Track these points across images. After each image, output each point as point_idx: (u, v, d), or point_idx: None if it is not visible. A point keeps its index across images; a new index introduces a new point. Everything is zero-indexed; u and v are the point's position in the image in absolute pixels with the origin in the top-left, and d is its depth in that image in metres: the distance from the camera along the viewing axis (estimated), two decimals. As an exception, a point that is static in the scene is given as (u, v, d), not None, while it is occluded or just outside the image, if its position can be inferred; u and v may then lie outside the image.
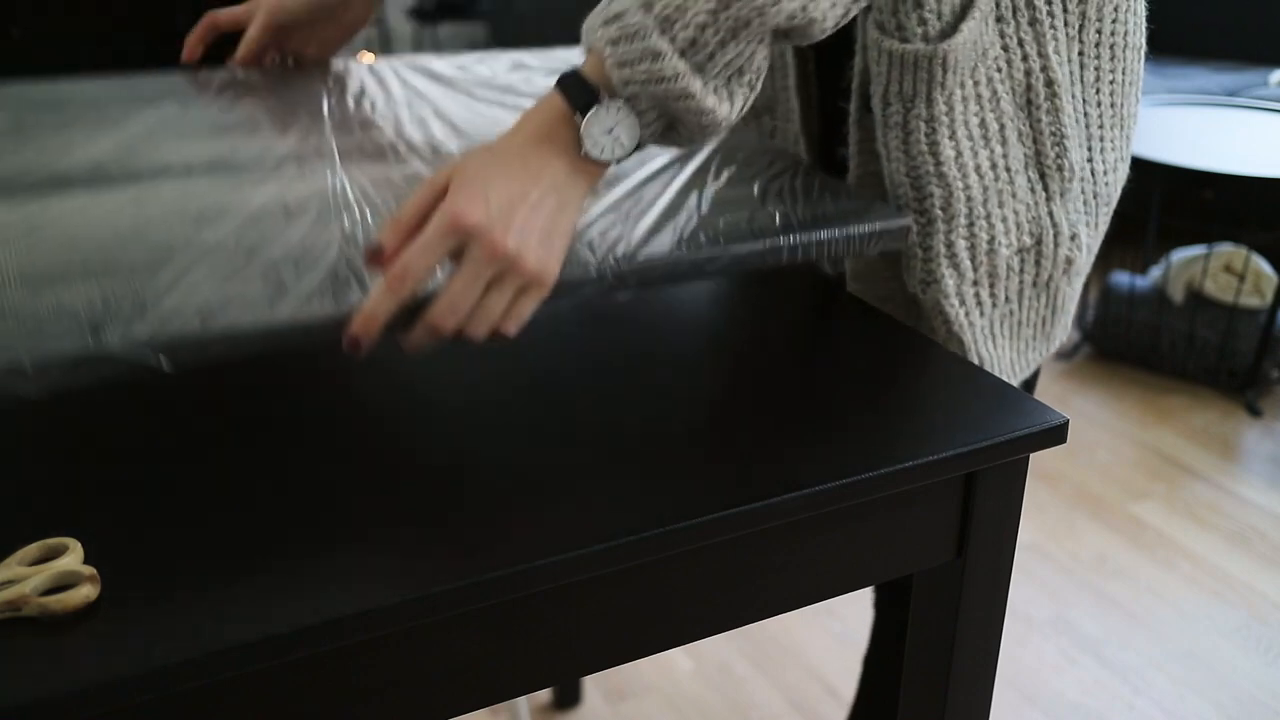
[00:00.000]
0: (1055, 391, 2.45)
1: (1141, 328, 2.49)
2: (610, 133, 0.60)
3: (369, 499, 0.57)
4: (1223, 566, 1.88)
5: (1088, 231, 0.84)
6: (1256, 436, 2.29)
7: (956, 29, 0.74)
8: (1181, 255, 2.45)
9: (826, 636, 1.72)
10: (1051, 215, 0.80)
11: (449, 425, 0.62)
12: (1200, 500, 2.07)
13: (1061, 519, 2.02)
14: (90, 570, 0.49)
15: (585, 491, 0.57)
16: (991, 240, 0.79)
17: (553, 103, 0.61)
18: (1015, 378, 0.88)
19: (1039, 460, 2.18)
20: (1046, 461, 2.19)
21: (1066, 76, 0.78)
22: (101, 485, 0.57)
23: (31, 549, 0.51)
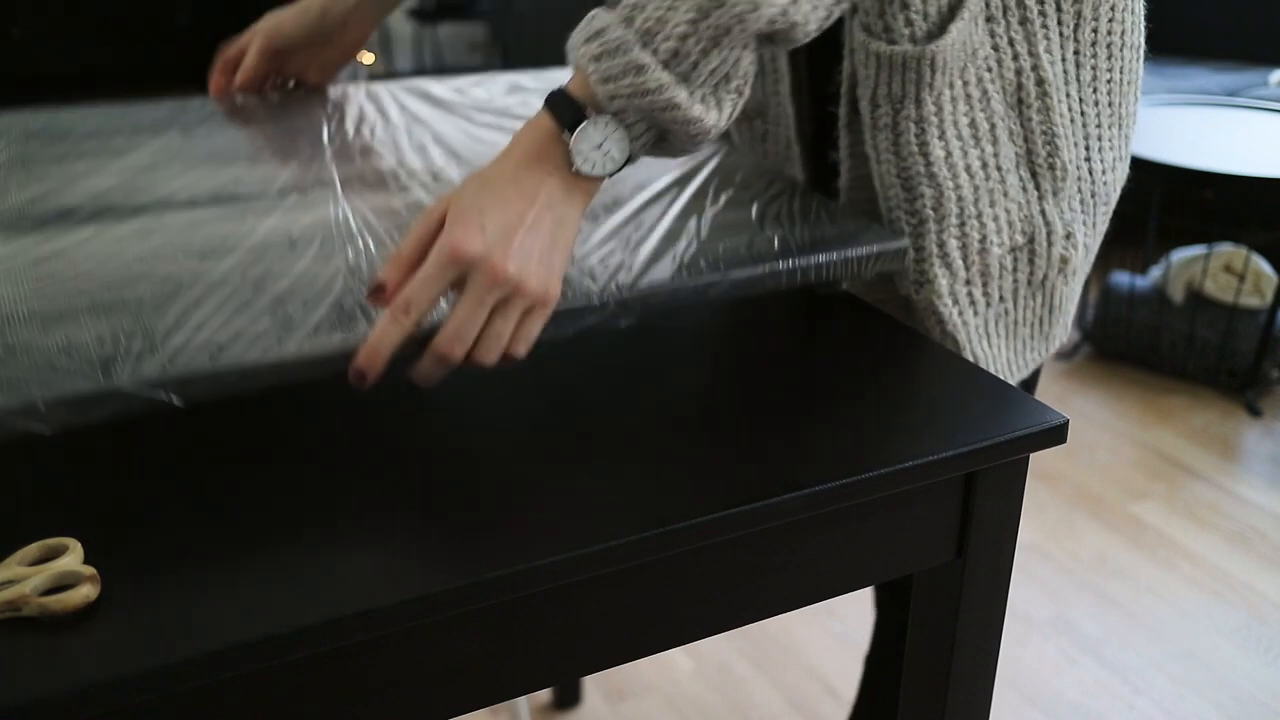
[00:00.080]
0: (1055, 391, 2.45)
1: (1141, 328, 2.49)
2: (600, 148, 0.61)
3: (369, 499, 0.57)
4: (1223, 566, 1.88)
5: (1084, 230, 0.84)
6: (1256, 436, 2.29)
7: (944, 30, 0.74)
8: (1181, 255, 2.46)
9: (826, 636, 1.72)
10: (1044, 214, 0.81)
11: (449, 425, 0.62)
12: (1200, 500, 2.07)
13: (1061, 519, 2.02)
14: (90, 570, 0.49)
15: (585, 491, 0.57)
16: (983, 239, 0.79)
17: (541, 123, 0.62)
18: (1013, 377, 0.88)
19: (1039, 460, 2.19)
20: (1046, 461, 2.19)
21: (1059, 75, 0.78)
22: (101, 485, 0.57)
23: (31, 549, 0.51)
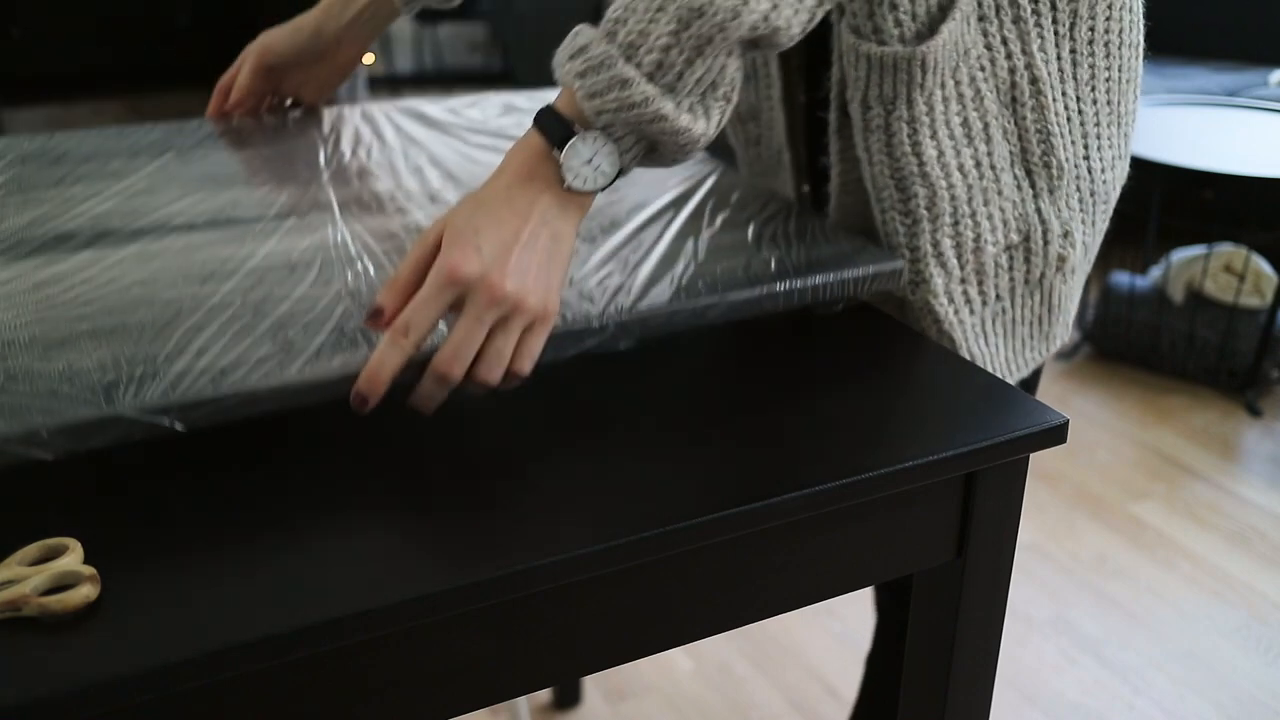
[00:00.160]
0: (1055, 391, 2.45)
1: (1141, 328, 2.49)
2: (590, 163, 0.61)
3: (369, 499, 0.57)
4: (1223, 566, 1.88)
5: (1083, 229, 0.84)
6: (1256, 436, 2.29)
7: (934, 30, 0.74)
8: (1181, 255, 2.46)
9: (826, 636, 1.72)
10: (1040, 212, 0.81)
11: (449, 425, 0.62)
12: (1200, 500, 2.07)
13: (1061, 519, 2.02)
14: (90, 570, 0.49)
15: (585, 492, 0.57)
16: (977, 238, 0.79)
17: (531, 141, 0.62)
18: (1012, 376, 0.88)
19: (1039, 460, 2.19)
20: (1046, 461, 2.19)
21: (1054, 74, 0.78)
22: (102, 485, 0.57)
23: (31, 549, 0.51)
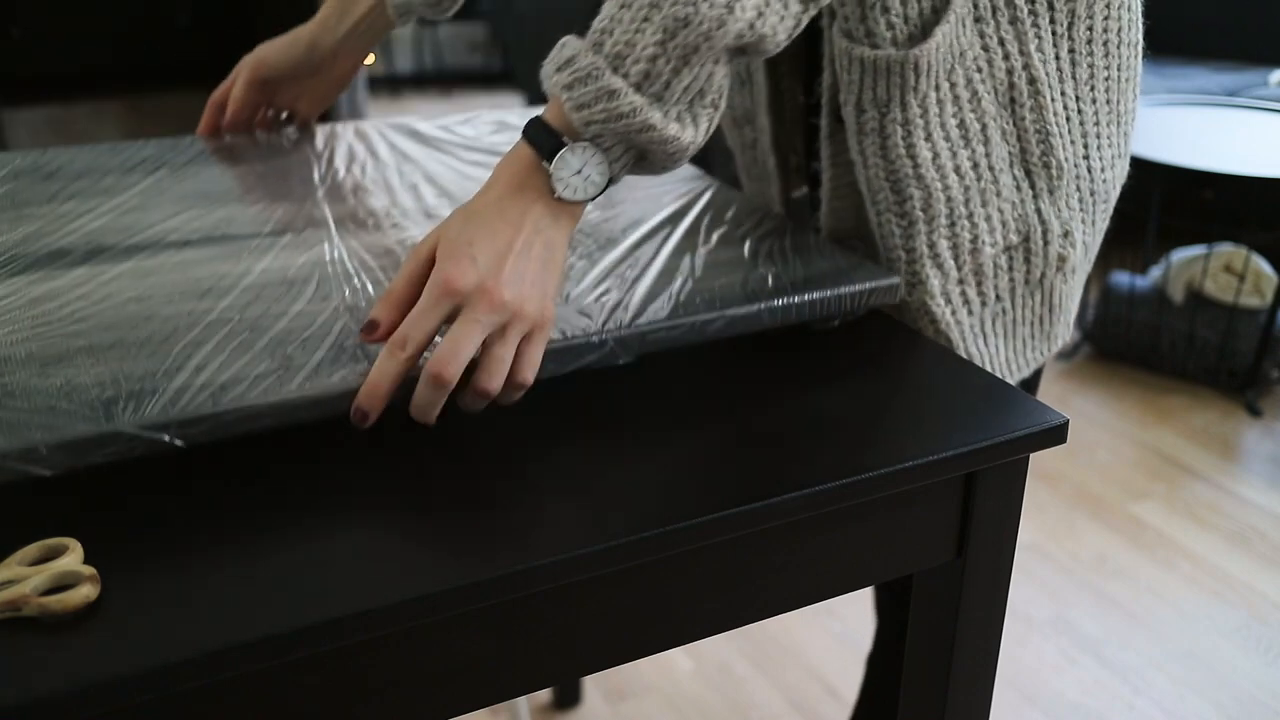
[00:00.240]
0: (1055, 391, 2.46)
1: (1141, 328, 2.49)
2: (580, 173, 0.61)
3: (369, 499, 0.57)
4: (1223, 566, 1.88)
5: (1083, 229, 0.84)
6: (1256, 436, 2.29)
7: (927, 33, 0.74)
8: (1181, 255, 2.46)
9: (826, 636, 1.72)
10: (1040, 213, 0.81)
11: (449, 425, 0.62)
12: (1200, 500, 2.07)
13: (1061, 519, 2.02)
14: (90, 570, 0.49)
15: (585, 492, 0.57)
16: (975, 239, 0.79)
17: (521, 153, 0.62)
18: (1012, 376, 0.88)
19: (1039, 460, 2.19)
20: (1046, 461, 2.19)
21: (1053, 74, 0.78)
22: (102, 486, 0.57)
23: (31, 549, 0.51)
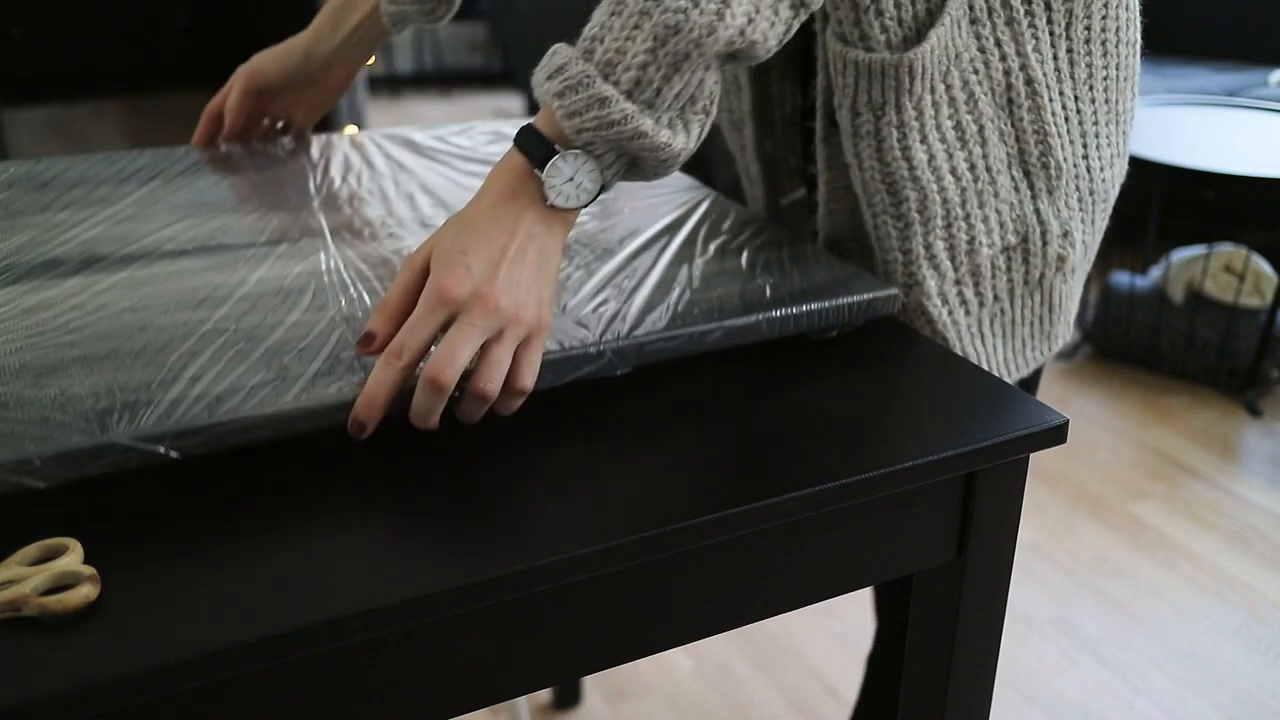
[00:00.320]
0: (1055, 391, 2.46)
1: (1141, 328, 2.49)
2: (572, 181, 0.61)
3: (368, 499, 0.57)
4: (1223, 566, 1.88)
5: (1082, 229, 0.84)
6: (1256, 436, 2.29)
7: (922, 36, 0.74)
8: (1181, 255, 2.46)
9: (826, 636, 1.72)
10: (1038, 213, 0.81)
11: (448, 425, 0.62)
12: (1200, 500, 2.07)
13: (1061, 519, 2.02)
14: (90, 570, 0.49)
15: (585, 491, 0.57)
16: (971, 240, 0.79)
17: (513, 161, 0.62)
18: (1011, 376, 0.88)
19: (1039, 460, 2.19)
20: (1046, 461, 2.19)
21: (1051, 74, 0.78)
22: (102, 486, 0.57)
23: (31, 549, 0.51)
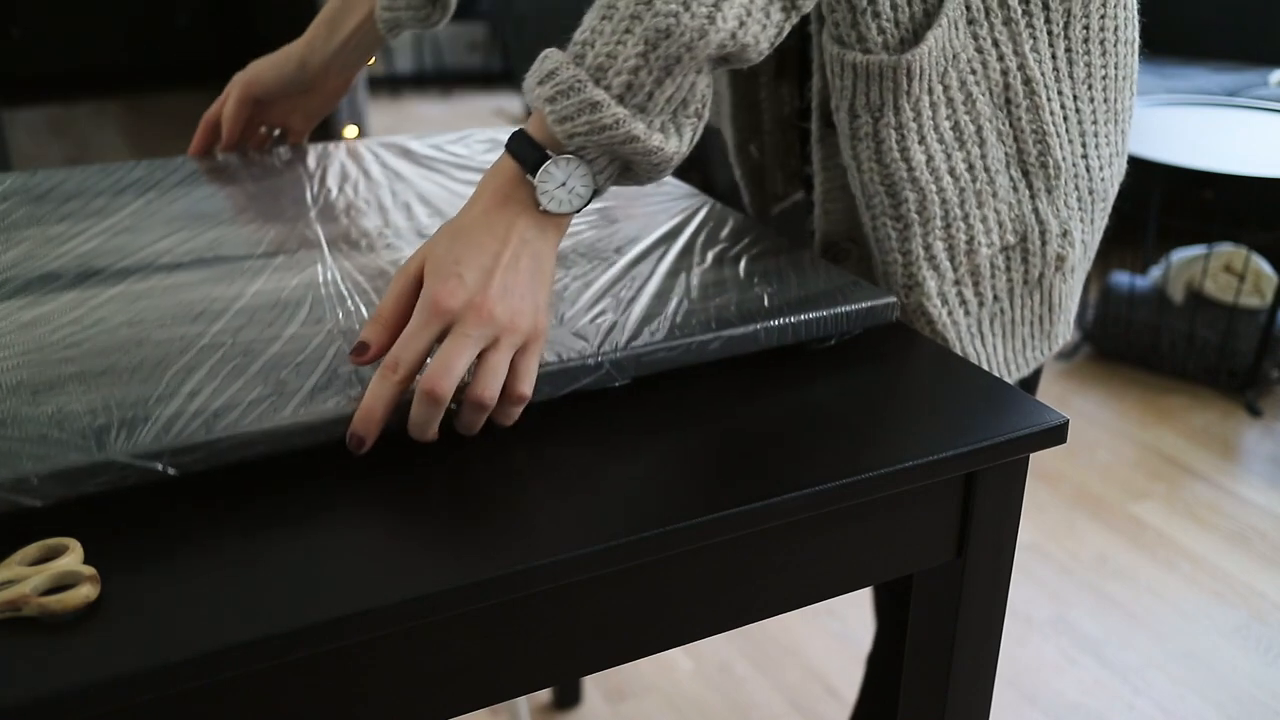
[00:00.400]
0: (1055, 391, 2.45)
1: (1141, 328, 2.49)
2: (565, 186, 0.61)
3: (369, 500, 0.57)
4: (1223, 566, 1.88)
5: (1081, 228, 0.84)
6: (1256, 436, 2.29)
7: (920, 37, 0.74)
8: (1181, 255, 2.46)
9: (826, 636, 1.72)
10: (1037, 213, 0.81)
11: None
12: (1200, 500, 2.07)
13: (1061, 519, 2.02)
14: (90, 570, 0.49)
15: (585, 491, 0.57)
16: (971, 240, 0.79)
17: (505, 166, 0.62)
18: (1011, 376, 0.88)
19: (1039, 460, 2.19)
20: (1046, 461, 2.19)
21: (1049, 74, 0.78)
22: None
23: (31, 549, 0.51)
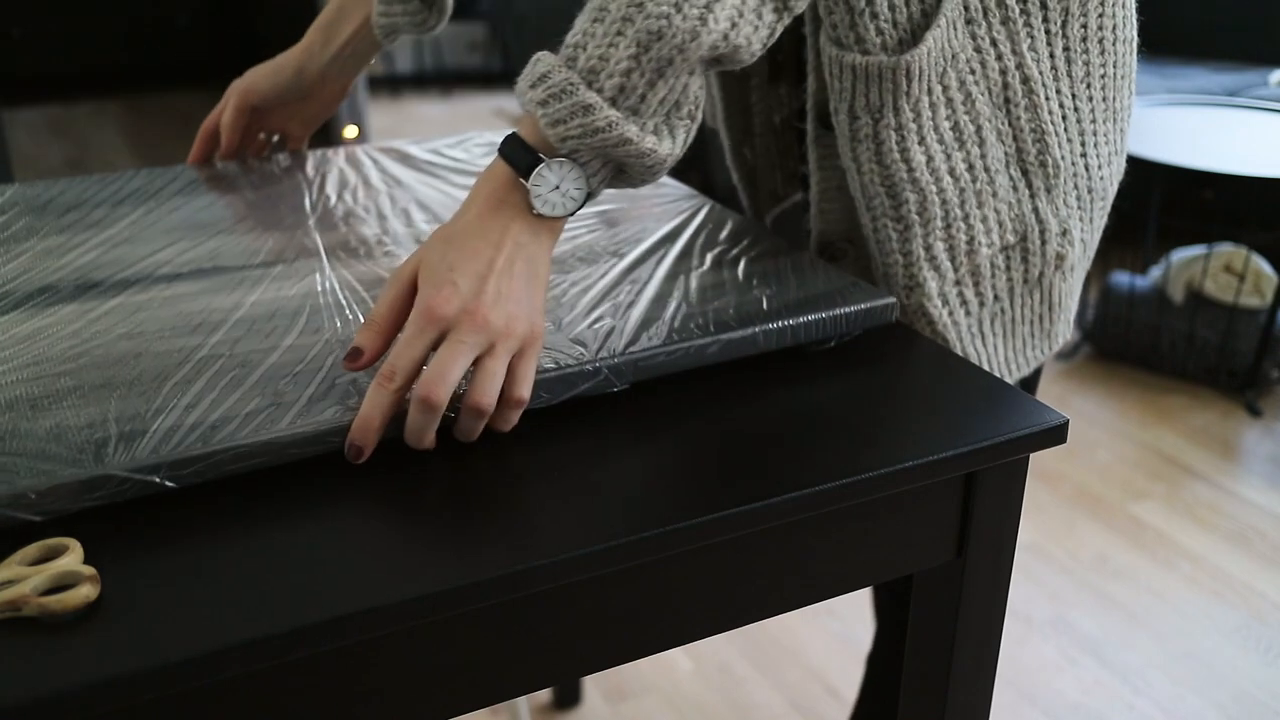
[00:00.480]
0: (1055, 391, 2.45)
1: (1141, 328, 2.49)
2: (558, 189, 0.61)
3: (369, 499, 0.57)
4: (1223, 566, 1.88)
5: (1081, 227, 0.84)
6: (1256, 436, 2.29)
7: (918, 38, 0.74)
8: (1181, 255, 2.46)
9: (826, 636, 1.72)
10: (1037, 212, 0.81)
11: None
12: (1200, 500, 2.07)
13: (1061, 519, 2.02)
14: (90, 570, 0.49)
15: (585, 492, 0.57)
16: (971, 240, 0.79)
17: (498, 170, 0.62)
18: (1011, 376, 0.88)
19: (1039, 460, 2.19)
20: (1046, 461, 2.19)
21: (1047, 73, 0.78)
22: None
23: (31, 549, 0.51)
